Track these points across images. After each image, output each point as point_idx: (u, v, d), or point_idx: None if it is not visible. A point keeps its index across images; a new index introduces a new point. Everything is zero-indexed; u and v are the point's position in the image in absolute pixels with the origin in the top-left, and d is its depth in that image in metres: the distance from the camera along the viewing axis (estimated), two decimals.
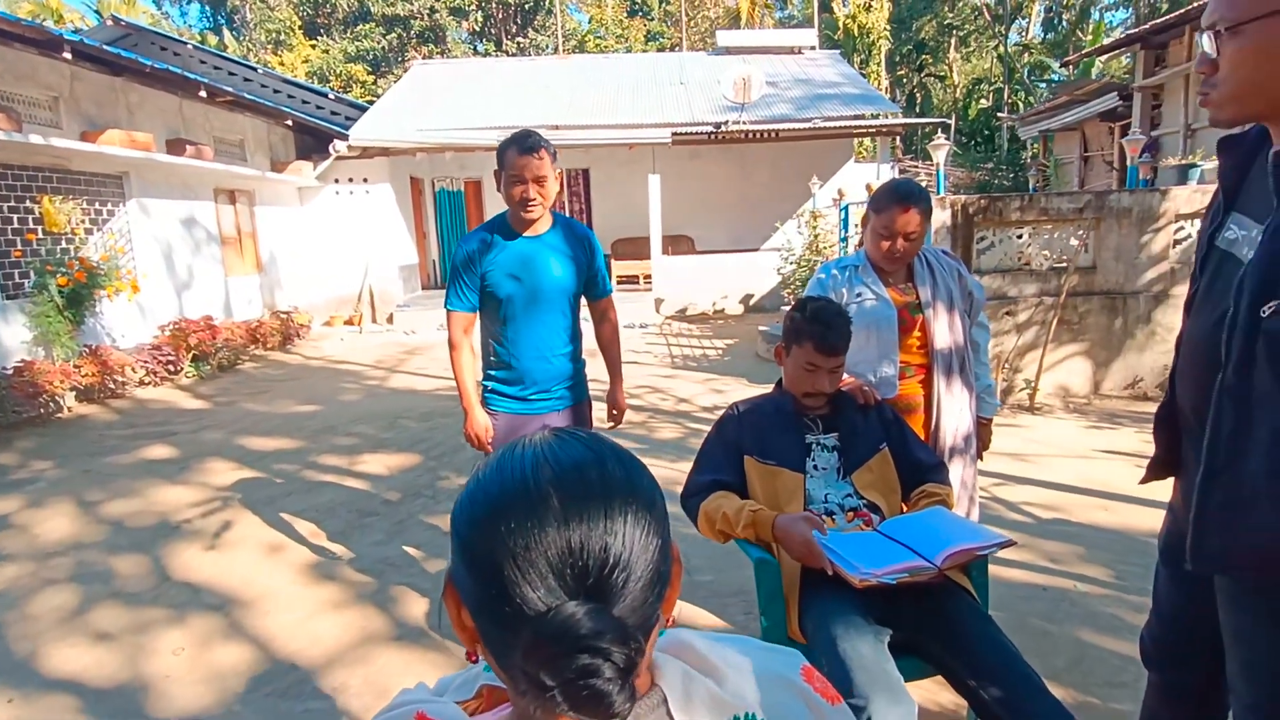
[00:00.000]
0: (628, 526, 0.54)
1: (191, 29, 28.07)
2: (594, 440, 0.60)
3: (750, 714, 0.61)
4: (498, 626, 0.54)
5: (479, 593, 0.54)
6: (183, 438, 5.31)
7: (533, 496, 0.54)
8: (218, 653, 2.55)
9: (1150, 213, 5.38)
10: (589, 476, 0.56)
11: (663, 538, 0.57)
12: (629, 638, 0.51)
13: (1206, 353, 1.12)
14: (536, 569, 0.52)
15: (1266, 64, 1.01)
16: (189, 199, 8.66)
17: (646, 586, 0.55)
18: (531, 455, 0.57)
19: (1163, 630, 1.40)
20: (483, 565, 0.54)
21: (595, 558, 0.52)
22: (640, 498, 0.57)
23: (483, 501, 0.56)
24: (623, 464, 0.59)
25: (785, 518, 1.63)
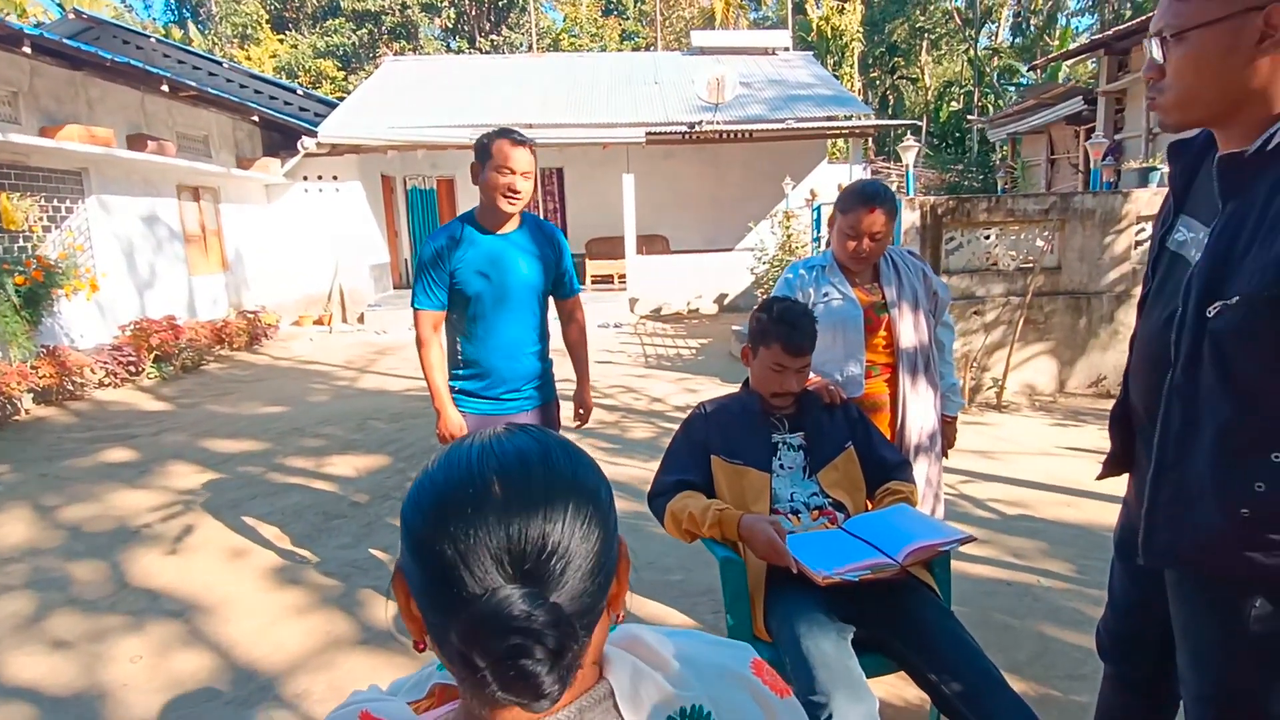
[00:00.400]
0: (568, 516, 0.55)
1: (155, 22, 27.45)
2: (542, 434, 0.62)
3: (698, 706, 0.62)
4: (438, 612, 0.55)
5: (423, 579, 0.56)
6: (144, 440, 5.18)
7: (476, 485, 0.56)
8: (177, 660, 2.49)
9: (1113, 214, 5.50)
10: (532, 467, 0.57)
11: (606, 531, 0.58)
12: (561, 622, 0.52)
13: (1157, 352, 1.14)
14: (476, 555, 0.53)
15: (1207, 70, 1.03)
16: (151, 196, 8.45)
17: (586, 576, 0.56)
18: (479, 448, 0.59)
19: (1117, 623, 1.43)
20: (426, 552, 0.55)
21: (533, 544, 0.54)
22: (583, 490, 0.58)
23: (429, 491, 0.58)
24: (569, 457, 0.60)
25: (750, 517, 1.63)
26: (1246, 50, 0.99)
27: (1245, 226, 1.01)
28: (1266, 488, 1.00)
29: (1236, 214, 1.03)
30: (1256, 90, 1.01)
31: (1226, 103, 1.04)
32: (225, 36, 25.62)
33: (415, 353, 2.53)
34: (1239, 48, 1.00)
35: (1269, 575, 1.04)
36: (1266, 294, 0.97)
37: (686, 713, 0.62)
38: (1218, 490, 1.04)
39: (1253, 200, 1.01)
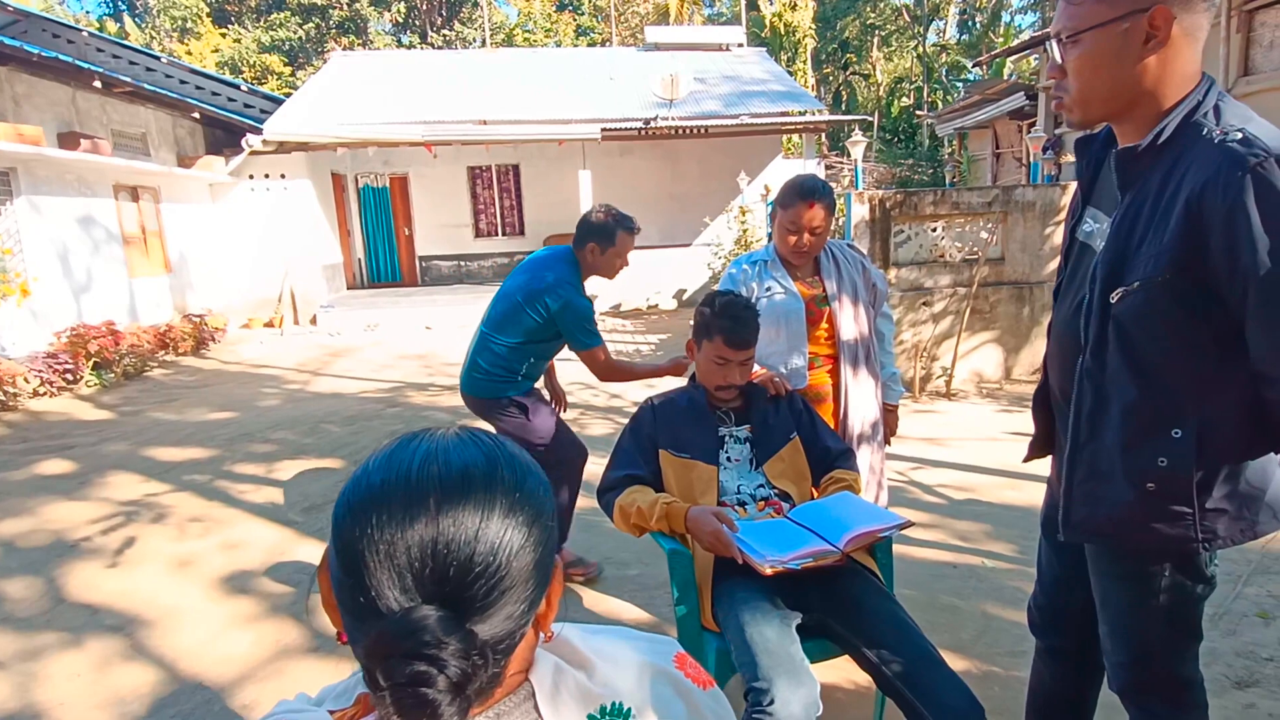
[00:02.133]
0: (502, 536, 0.53)
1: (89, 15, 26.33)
2: (493, 445, 0.59)
3: (617, 704, 0.62)
4: (351, 616, 0.54)
5: (341, 578, 0.54)
6: (82, 451, 4.98)
7: (411, 491, 0.53)
8: (118, 676, 2.41)
9: (1052, 206, 5.69)
10: (474, 479, 0.55)
11: (541, 553, 0.56)
12: (473, 651, 0.51)
13: (1069, 337, 1.20)
14: (396, 565, 0.51)
15: (1101, 70, 1.08)
16: (86, 196, 8.11)
17: (512, 601, 0.54)
18: (424, 451, 0.57)
19: (1045, 598, 1.49)
20: (347, 552, 0.53)
21: (458, 564, 0.51)
22: (525, 510, 0.56)
23: (363, 489, 0.55)
24: (515, 473, 0.58)
25: (696, 510, 1.65)
26: (1135, 50, 1.05)
27: (1141, 216, 1.07)
28: (1169, 462, 1.06)
29: (1133, 205, 1.09)
30: (1147, 88, 1.07)
31: (1120, 100, 1.10)
32: (164, 30, 24.70)
33: (369, 353, 2.54)
34: (1128, 48, 1.05)
35: (1175, 545, 1.11)
36: (1160, 279, 1.02)
37: (606, 710, 0.62)
38: (1126, 466, 1.10)
39: (1147, 191, 1.07)
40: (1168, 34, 1.02)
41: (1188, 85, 1.06)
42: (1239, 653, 2.23)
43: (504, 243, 13.40)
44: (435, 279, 13.25)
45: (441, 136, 10.56)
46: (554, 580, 0.60)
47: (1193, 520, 1.08)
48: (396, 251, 13.33)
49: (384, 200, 13.07)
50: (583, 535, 3.19)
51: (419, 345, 8.88)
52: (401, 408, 5.90)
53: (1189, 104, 1.05)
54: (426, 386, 6.70)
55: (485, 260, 13.41)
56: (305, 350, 8.91)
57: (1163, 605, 1.16)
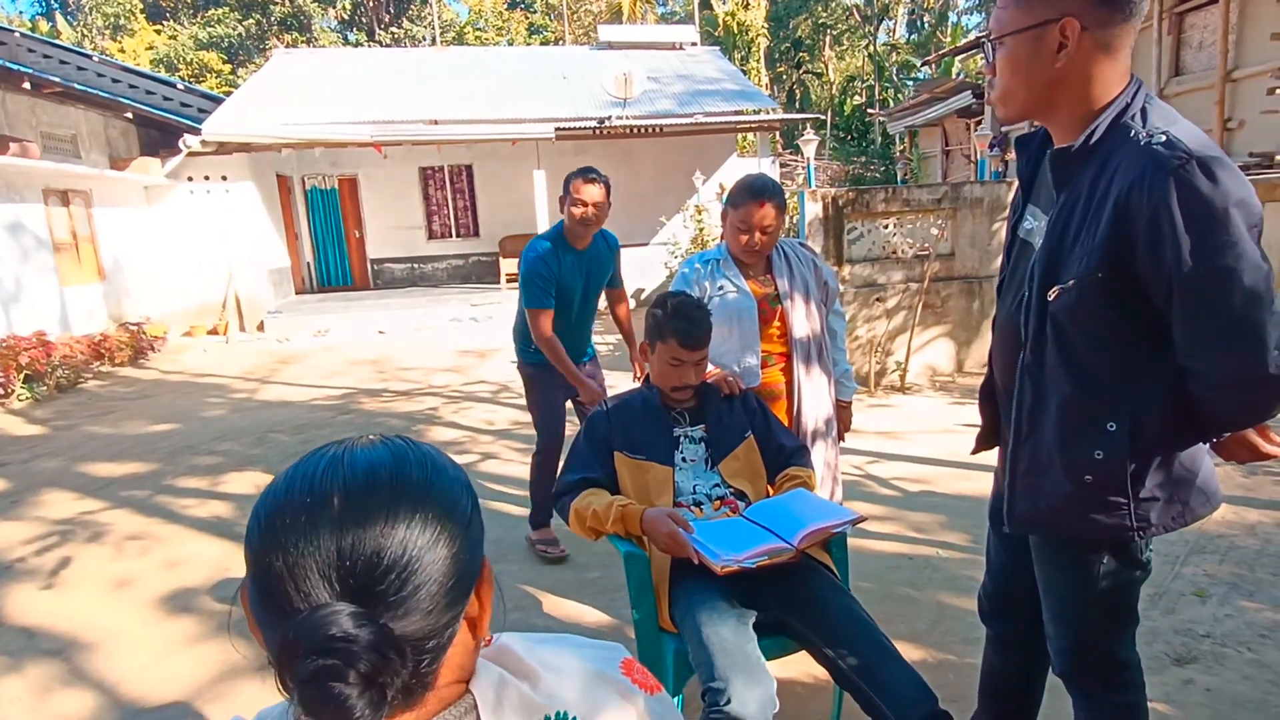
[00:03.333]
0: (410, 531, 0.53)
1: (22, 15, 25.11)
2: (405, 446, 0.59)
3: (561, 713, 0.62)
4: (266, 625, 0.53)
5: (253, 591, 0.54)
6: (13, 468, 4.74)
7: (316, 496, 0.54)
8: (58, 702, 2.31)
9: (999, 202, 5.85)
10: (379, 480, 0.55)
11: (458, 548, 0.56)
12: (385, 645, 0.50)
13: (1011, 333, 1.23)
14: (305, 569, 0.51)
15: (1019, 72, 1.13)
16: (13, 201, 7.71)
17: (428, 597, 0.53)
18: (330, 457, 0.57)
19: (994, 586, 1.53)
20: (259, 564, 0.53)
21: (364, 561, 0.51)
22: (435, 505, 0.55)
23: (270, 500, 0.56)
24: (426, 470, 0.58)
25: (652, 511, 1.64)
26: (1048, 57, 1.09)
27: (1074, 216, 1.10)
28: (1104, 455, 1.10)
29: (1067, 204, 1.12)
30: (1068, 90, 1.11)
31: (1036, 101, 1.15)
32: (96, 28, 23.68)
33: (319, 360, 2.50)
34: (1041, 54, 1.09)
35: (1112, 534, 1.15)
36: (1092, 277, 1.05)
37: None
38: (1064, 460, 1.14)
39: (1079, 191, 1.10)
40: (1076, 44, 1.07)
41: (1115, 88, 1.10)
42: (1177, 630, 2.31)
43: (458, 244, 13.20)
44: (388, 282, 12.99)
45: (391, 137, 10.34)
46: (482, 579, 0.60)
47: (1128, 510, 1.12)
48: (347, 254, 13.01)
49: (333, 202, 12.75)
50: None
51: (372, 350, 8.69)
52: (354, 415, 5.76)
53: (1117, 106, 1.09)
54: (380, 392, 6.55)
55: (439, 262, 13.19)
56: (252, 357, 8.63)
57: (1101, 591, 1.20)
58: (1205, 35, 8.39)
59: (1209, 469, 1.18)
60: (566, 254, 2.90)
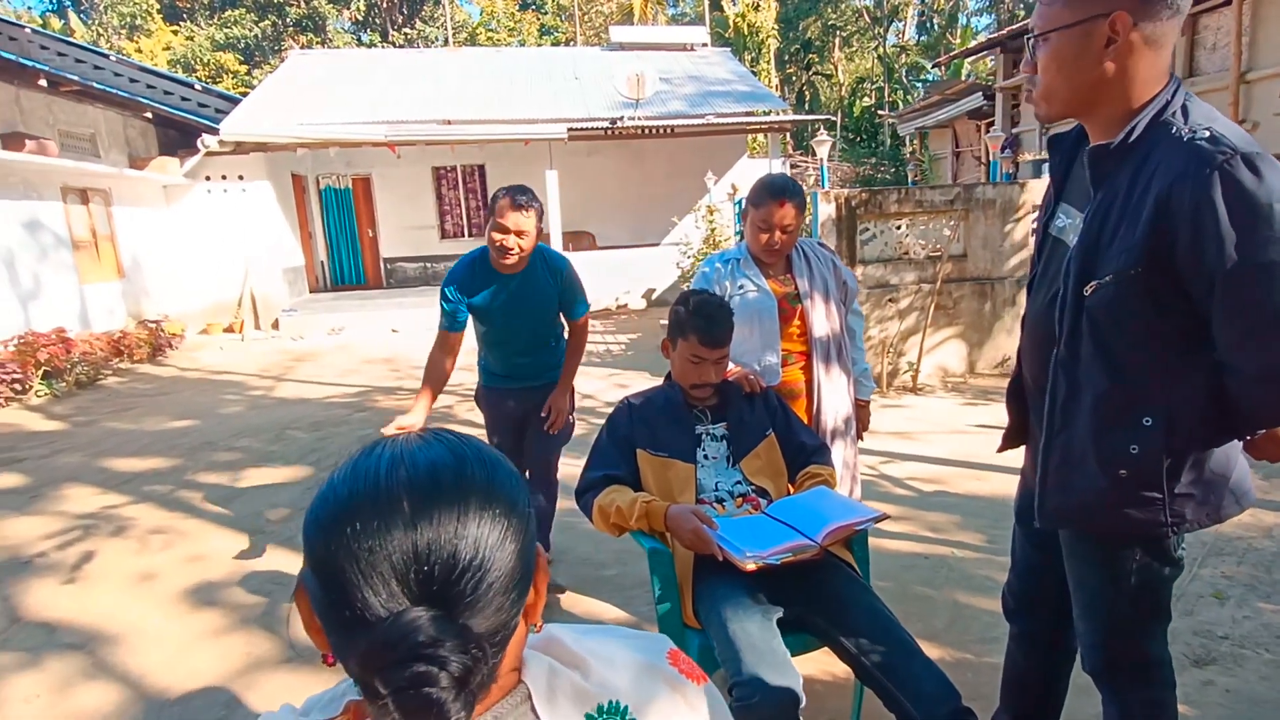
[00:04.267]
0: (481, 530, 0.53)
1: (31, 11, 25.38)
2: (458, 442, 0.59)
3: (614, 702, 0.62)
4: (338, 632, 0.53)
5: (323, 597, 0.53)
6: (33, 463, 4.80)
7: (382, 499, 0.53)
8: (80, 696, 2.33)
9: (1011, 204, 5.83)
10: (443, 479, 0.55)
11: (522, 543, 0.56)
12: (471, 645, 0.50)
13: (1044, 330, 1.24)
14: (379, 573, 0.51)
15: (1064, 69, 1.13)
16: (31, 199, 7.81)
17: (500, 592, 0.54)
18: (389, 457, 0.56)
19: (1019, 584, 1.54)
20: (326, 568, 0.52)
21: (443, 563, 0.51)
22: (499, 502, 0.56)
23: (331, 503, 0.55)
24: (484, 467, 0.58)
25: (676, 508, 1.66)
26: (1095, 53, 1.09)
27: (1113, 212, 1.11)
28: (1140, 450, 1.10)
29: (1105, 200, 1.13)
30: (1110, 88, 1.11)
31: (1083, 98, 1.14)
32: (112, 27, 23.90)
33: (332, 358, 2.54)
34: (1089, 50, 1.09)
35: (1145, 529, 1.15)
36: (1131, 272, 1.06)
37: (603, 709, 0.62)
38: (1098, 454, 1.14)
39: (1118, 187, 1.11)
40: (1127, 39, 1.06)
41: (1156, 86, 1.10)
42: (1196, 632, 2.31)
43: (470, 244, 13.26)
44: (401, 281, 13.06)
45: (405, 137, 10.41)
46: (538, 569, 0.60)
47: (1163, 505, 1.12)
48: (360, 253, 13.10)
49: (346, 201, 12.84)
50: (560, 536, 3.17)
51: (385, 348, 8.75)
52: (369, 412, 5.81)
53: (1158, 104, 1.09)
54: (394, 390, 6.60)
55: (451, 262, 13.07)
56: (267, 355, 8.71)
57: (1133, 587, 1.20)
58: (1219, 37, 8.35)
59: (1243, 467, 1.18)
60: (486, 277, 2.55)
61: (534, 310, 2.63)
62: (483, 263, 2.57)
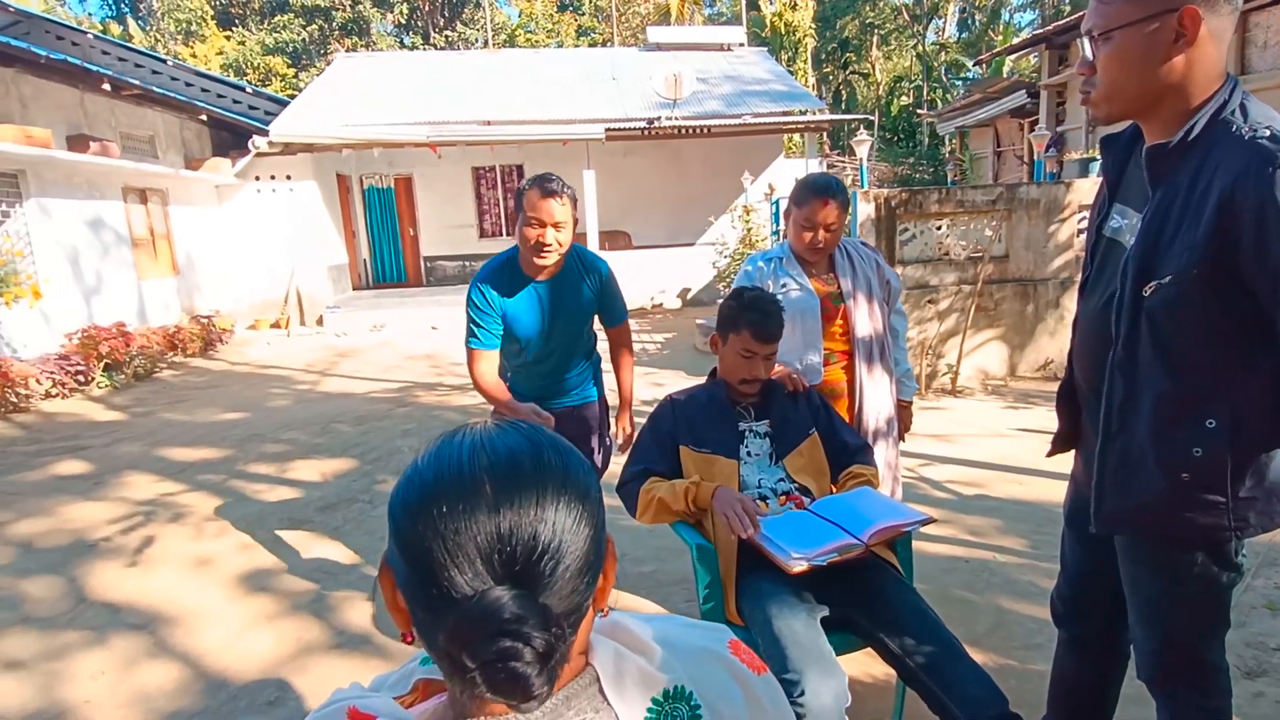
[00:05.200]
0: (559, 515, 0.56)
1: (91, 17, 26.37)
2: (533, 431, 0.62)
3: (680, 687, 0.64)
4: (425, 610, 0.55)
5: (410, 576, 0.56)
6: (96, 451, 5.02)
7: (466, 483, 0.55)
8: (143, 674, 2.44)
9: (1056, 204, 5.72)
10: (523, 465, 0.57)
11: (595, 529, 0.59)
12: (551, 624, 0.53)
13: (1098, 332, 1.22)
14: (465, 553, 0.53)
15: (1130, 67, 1.11)
16: (95, 199, 8.15)
17: (575, 575, 0.56)
18: (470, 443, 0.59)
19: (1069, 589, 1.51)
20: (414, 549, 0.55)
21: (524, 544, 0.54)
22: (574, 488, 0.58)
23: (418, 486, 0.57)
24: (559, 455, 0.60)
25: (724, 488, 1.69)
26: (1162, 49, 1.07)
27: (1173, 211, 1.09)
28: (1203, 452, 1.08)
29: (1164, 200, 1.11)
30: (1175, 85, 1.09)
31: (1148, 97, 1.12)
32: (168, 33, 24.73)
33: (375, 355, 2.55)
34: (1156, 47, 1.07)
35: (1207, 534, 1.13)
36: (1193, 271, 1.05)
37: (670, 694, 0.63)
38: (1158, 456, 1.12)
39: (1177, 186, 1.09)
40: (1195, 34, 1.05)
41: (1214, 84, 1.09)
42: (1248, 643, 2.26)
43: (508, 243, 13.21)
44: (440, 279, 13.29)
45: (446, 137, 10.60)
46: (608, 555, 0.63)
47: (1226, 508, 1.10)
48: (401, 252, 13.36)
49: (389, 201, 13.11)
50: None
51: (425, 345, 8.92)
52: (411, 408, 5.94)
53: (1216, 102, 1.08)
54: (435, 386, 6.73)
55: None
56: (312, 351, 8.94)
57: (1193, 593, 1.18)
58: (1270, 35, 8.07)
59: None
60: (518, 283, 2.25)
61: (570, 321, 2.35)
62: (512, 266, 2.27)
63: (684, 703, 0.63)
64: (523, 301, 2.27)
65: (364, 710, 0.63)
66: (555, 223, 2.11)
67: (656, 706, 0.62)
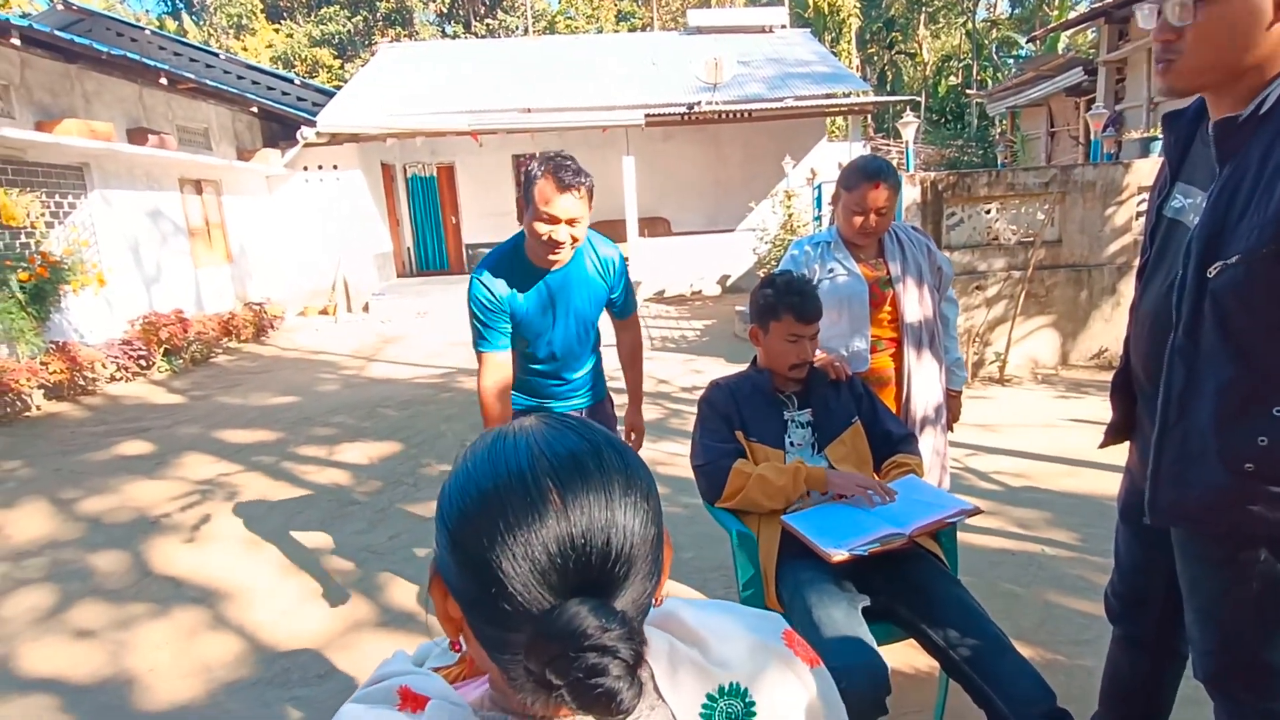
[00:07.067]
0: (627, 517, 0.53)
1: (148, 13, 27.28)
2: (586, 428, 0.59)
3: (735, 684, 0.62)
4: (495, 625, 0.52)
5: (473, 589, 0.53)
6: (157, 433, 5.24)
7: (530, 490, 0.52)
8: (202, 645, 2.56)
9: (1114, 186, 5.49)
10: (587, 467, 0.54)
11: (659, 526, 0.57)
12: (634, 633, 0.51)
13: (1159, 317, 1.17)
14: (537, 566, 0.50)
15: (1228, 37, 1.03)
16: (153, 190, 8.46)
17: (645, 577, 0.54)
18: (525, 444, 0.56)
19: (1123, 585, 1.46)
20: (477, 562, 0.52)
21: (598, 552, 0.51)
22: (638, 488, 0.56)
23: (476, 496, 0.54)
24: (618, 453, 0.57)
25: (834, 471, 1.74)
26: (1263, 18, 1.00)
27: (1242, 188, 1.03)
28: (1269, 441, 1.03)
29: (1233, 177, 1.05)
30: (1263, 58, 1.03)
31: (1236, 69, 1.05)
32: (220, 27, 25.43)
33: (419, 341, 2.55)
34: (1260, 16, 1.00)
35: (1272, 528, 1.07)
36: (1264, 250, 0.99)
37: (724, 690, 0.62)
38: (1220, 447, 1.07)
39: (1248, 163, 1.04)
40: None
41: None
42: None
43: None
44: None
45: (487, 125, 10.68)
46: (666, 546, 0.61)
47: None
48: (444, 239, 13.56)
49: (431, 189, 13.29)
50: None
51: (467, 332, 9.02)
52: (453, 393, 6.04)
53: None
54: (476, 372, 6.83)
55: None
56: (359, 337, 9.16)
57: (1255, 591, 1.12)
58: None
59: None
60: (526, 275, 2.01)
61: (582, 315, 2.12)
62: (517, 255, 2.01)
63: (739, 699, 0.62)
64: (531, 295, 2.02)
65: (417, 691, 0.61)
66: (571, 219, 1.83)
67: (711, 703, 0.61)
